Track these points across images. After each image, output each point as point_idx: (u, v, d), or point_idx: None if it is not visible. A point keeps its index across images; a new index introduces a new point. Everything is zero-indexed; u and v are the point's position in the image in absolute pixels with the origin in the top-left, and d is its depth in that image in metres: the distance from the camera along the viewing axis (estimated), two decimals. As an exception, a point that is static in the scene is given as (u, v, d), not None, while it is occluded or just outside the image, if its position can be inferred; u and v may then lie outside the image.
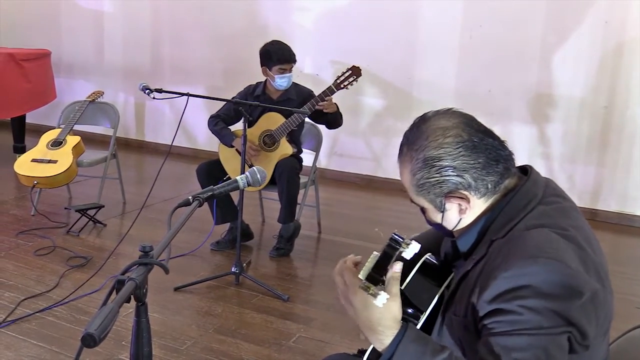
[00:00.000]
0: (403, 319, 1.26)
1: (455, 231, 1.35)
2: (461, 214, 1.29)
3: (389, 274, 1.27)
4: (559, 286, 1.12)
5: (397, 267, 1.26)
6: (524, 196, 1.26)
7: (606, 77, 4.67)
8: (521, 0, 4.81)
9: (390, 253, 1.28)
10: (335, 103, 3.75)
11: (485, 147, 1.25)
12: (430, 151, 1.25)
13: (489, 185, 1.26)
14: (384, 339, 1.21)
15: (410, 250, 1.28)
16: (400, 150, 1.33)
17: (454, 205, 1.29)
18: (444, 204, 1.29)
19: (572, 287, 1.12)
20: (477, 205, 1.28)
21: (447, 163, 1.24)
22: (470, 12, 5.01)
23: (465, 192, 1.26)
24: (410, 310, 1.36)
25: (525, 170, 1.34)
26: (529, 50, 4.87)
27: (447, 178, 1.25)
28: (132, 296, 1.09)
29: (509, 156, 1.29)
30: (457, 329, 1.28)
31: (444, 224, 1.32)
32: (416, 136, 1.29)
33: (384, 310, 1.21)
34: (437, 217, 1.32)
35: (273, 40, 3.82)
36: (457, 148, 1.24)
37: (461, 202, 1.27)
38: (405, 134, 1.33)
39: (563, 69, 4.79)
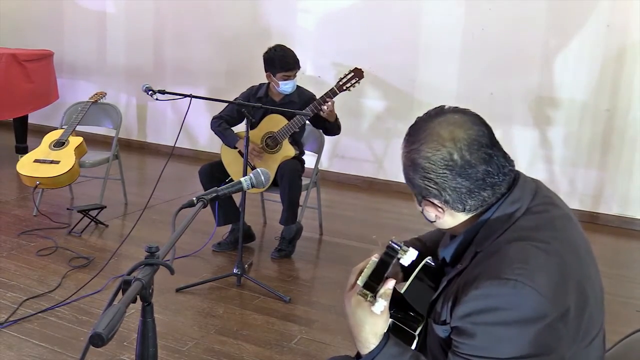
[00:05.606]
0: (403, 323, 1.28)
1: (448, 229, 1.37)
2: (437, 218, 1.31)
3: (381, 290, 1.28)
4: (524, 309, 1.13)
5: (389, 284, 1.28)
6: (508, 208, 1.26)
7: (608, 80, 4.67)
8: (523, 3, 4.82)
9: (387, 261, 1.29)
10: (335, 113, 3.74)
11: (475, 174, 1.22)
12: (419, 158, 1.25)
13: (468, 206, 1.26)
14: (362, 349, 1.27)
15: (408, 257, 1.30)
16: (409, 129, 1.32)
17: (431, 208, 1.30)
18: (422, 204, 1.31)
19: (537, 310, 1.13)
20: (456, 216, 1.29)
21: (430, 176, 1.24)
22: (472, 14, 5.02)
23: (442, 205, 1.27)
24: (411, 314, 1.37)
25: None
26: (531, 53, 4.87)
27: (428, 187, 1.26)
28: (137, 296, 1.10)
29: (501, 182, 1.25)
30: (435, 333, 1.31)
31: (423, 213, 1.34)
32: (419, 130, 1.27)
33: (370, 322, 1.25)
34: (416, 205, 1.35)
35: (277, 46, 3.77)
36: (443, 168, 1.22)
37: (437, 211, 1.29)
38: (418, 118, 1.32)
39: (565, 72, 4.80)
